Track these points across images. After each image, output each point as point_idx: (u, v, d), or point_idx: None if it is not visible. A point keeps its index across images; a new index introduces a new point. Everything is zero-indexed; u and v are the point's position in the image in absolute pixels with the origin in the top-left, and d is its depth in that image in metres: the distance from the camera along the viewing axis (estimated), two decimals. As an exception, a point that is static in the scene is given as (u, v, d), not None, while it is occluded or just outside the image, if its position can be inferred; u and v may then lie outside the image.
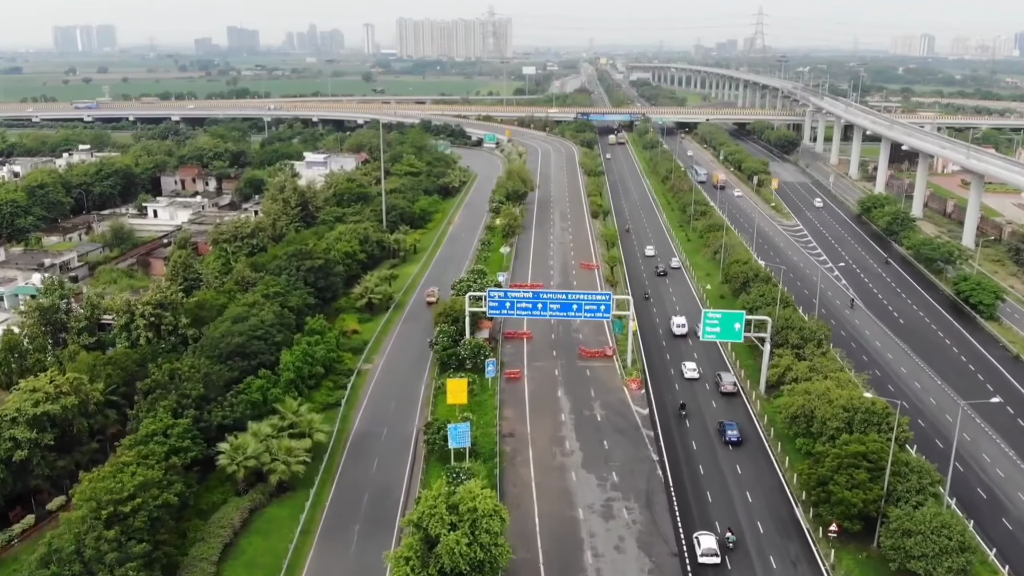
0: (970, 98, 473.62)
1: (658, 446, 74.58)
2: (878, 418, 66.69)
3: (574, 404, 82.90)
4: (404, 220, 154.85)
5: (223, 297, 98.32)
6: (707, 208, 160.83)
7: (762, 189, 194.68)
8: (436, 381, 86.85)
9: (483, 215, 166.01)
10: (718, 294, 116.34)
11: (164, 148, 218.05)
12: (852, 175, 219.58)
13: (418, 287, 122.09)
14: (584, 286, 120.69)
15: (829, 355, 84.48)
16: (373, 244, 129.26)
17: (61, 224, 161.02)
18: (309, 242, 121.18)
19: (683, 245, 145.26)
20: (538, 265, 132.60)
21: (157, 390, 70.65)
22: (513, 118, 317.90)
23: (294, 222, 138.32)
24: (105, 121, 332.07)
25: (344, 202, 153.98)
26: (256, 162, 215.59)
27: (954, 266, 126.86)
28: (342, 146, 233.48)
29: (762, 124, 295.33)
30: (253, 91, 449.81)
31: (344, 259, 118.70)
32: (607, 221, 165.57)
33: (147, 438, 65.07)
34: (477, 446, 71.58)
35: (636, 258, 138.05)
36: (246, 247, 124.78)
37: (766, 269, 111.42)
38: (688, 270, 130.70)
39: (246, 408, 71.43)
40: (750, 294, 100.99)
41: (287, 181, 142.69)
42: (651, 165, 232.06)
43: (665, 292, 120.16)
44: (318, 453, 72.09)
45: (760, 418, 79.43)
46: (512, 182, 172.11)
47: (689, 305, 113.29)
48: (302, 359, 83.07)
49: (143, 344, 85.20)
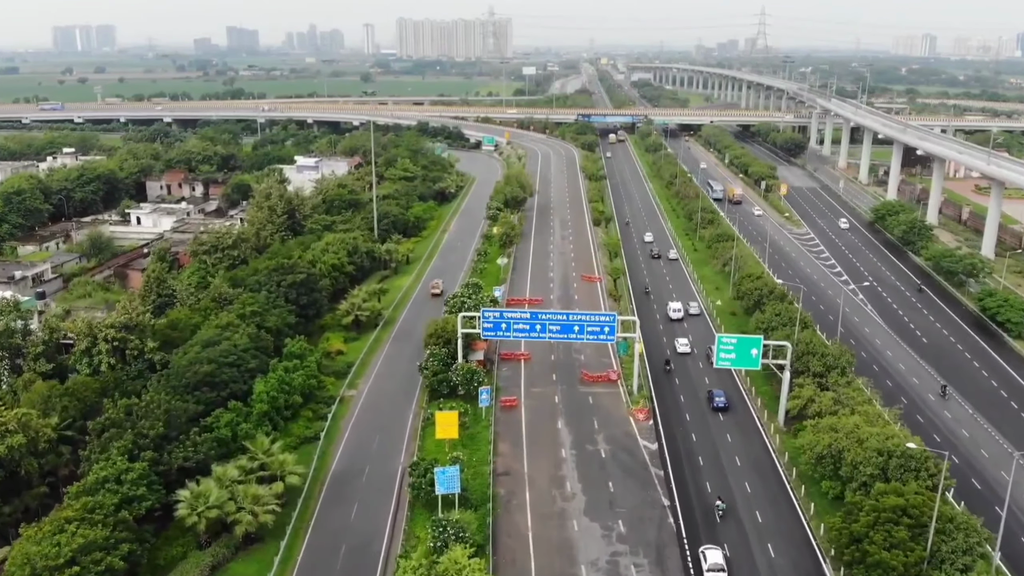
0: (976, 99, 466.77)
1: (668, 488, 67.52)
2: (916, 463, 59.58)
3: (576, 437, 75.82)
4: (397, 228, 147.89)
5: (198, 316, 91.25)
6: (714, 216, 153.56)
7: (769, 195, 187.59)
8: (425, 411, 79.79)
9: (480, 222, 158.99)
10: (728, 310, 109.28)
11: (151, 151, 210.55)
12: (862, 179, 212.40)
13: (409, 301, 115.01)
14: (585, 300, 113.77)
15: (854, 384, 77.31)
16: (363, 255, 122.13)
17: (38, 232, 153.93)
18: (294, 253, 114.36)
19: (689, 256, 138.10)
20: (537, 277, 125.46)
21: (111, 428, 63.62)
22: (512, 120, 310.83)
23: (280, 231, 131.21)
24: (96, 123, 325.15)
25: (334, 209, 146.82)
26: (246, 166, 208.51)
27: (977, 279, 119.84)
28: (335, 149, 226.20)
29: (767, 126, 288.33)
30: (248, 92, 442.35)
31: (330, 272, 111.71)
32: (609, 228, 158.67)
33: (97, 485, 58.05)
34: (468, 491, 64.48)
35: (636, 255, 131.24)
36: (227, 259, 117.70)
37: (782, 286, 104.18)
38: (696, 283, 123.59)
39: (211, 448, 64.36)
40: (764, 313, 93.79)
41: (273, 188, 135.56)
42: (654, 169, 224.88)
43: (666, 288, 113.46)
44: (291, 497, 65.10)
45: (780, 454, 72.36)
46: (510, 187, 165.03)
47: (701, 329, 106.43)
48: (278, 388, 76.02)
49: (106, 371, 78.19)
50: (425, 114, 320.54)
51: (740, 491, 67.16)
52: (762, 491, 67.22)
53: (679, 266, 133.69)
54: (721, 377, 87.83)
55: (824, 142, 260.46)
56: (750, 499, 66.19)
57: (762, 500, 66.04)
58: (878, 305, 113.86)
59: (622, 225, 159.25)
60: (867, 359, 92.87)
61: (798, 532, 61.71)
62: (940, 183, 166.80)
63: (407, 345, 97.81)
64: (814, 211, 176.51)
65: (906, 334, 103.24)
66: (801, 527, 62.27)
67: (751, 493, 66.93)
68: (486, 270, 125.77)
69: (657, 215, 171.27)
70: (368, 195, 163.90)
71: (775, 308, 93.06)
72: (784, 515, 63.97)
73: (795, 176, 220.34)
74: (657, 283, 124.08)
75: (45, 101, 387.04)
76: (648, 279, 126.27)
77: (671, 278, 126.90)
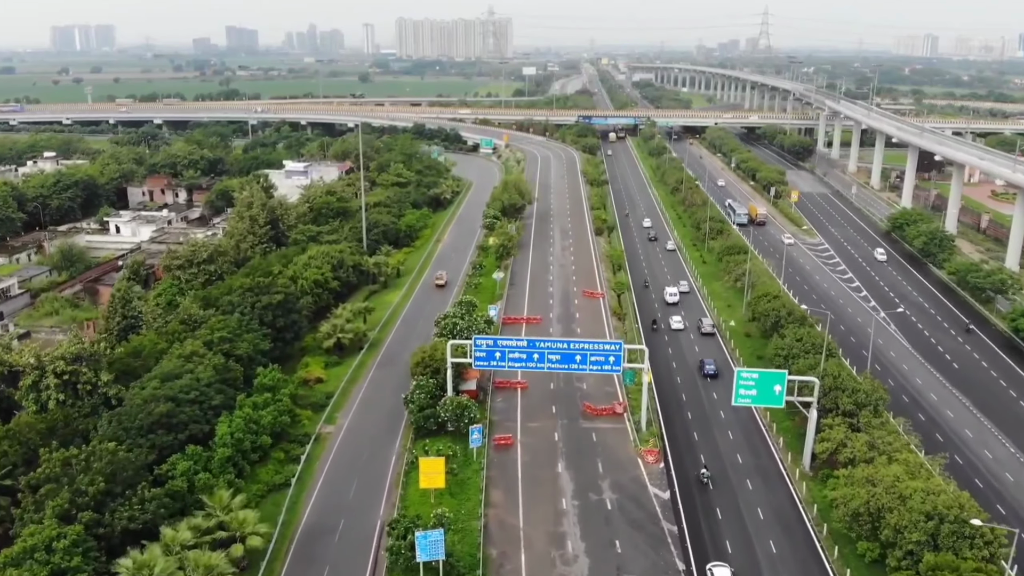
0: (983, 100, 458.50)
1: (683, 548, 59.49)
2: (972, 529, 51.54)
3: (578, 484, 67.72)
4: (388, 238, 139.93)
5: (163, 341, 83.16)
6: (723, 226, 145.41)
7: (779, 201, 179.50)
8: (409, 452, 71.70)
9: (476, 231, 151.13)
10: (742, 332, 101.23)
11: (134, 155, 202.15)
12: (874, 184, 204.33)
13: (398, 320, 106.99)
14: (588, 319, 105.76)
15: (889, 426, 69.21)
16: (349, 269, 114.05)
17: (10, 243, 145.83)
18: (275, 268, 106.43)
19: (698, 268, 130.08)
20: (536, 293, 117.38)
21: (47, 484, 55.63)
22: (511, 121, 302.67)
23: (262, 243, 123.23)
24: (85, 124, 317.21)
25: (322, 219, 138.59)
26: (234, 170, 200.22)
27: (1006, 295, 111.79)
28: (326, 153, 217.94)
29: (773, 128, 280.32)
30: (243, 92, 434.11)
31: (312, 289, 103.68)
32: (612, 238, 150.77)
33: (24, 555, 50.08)
34: (453, 556, 56.39)
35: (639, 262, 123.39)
36: (203, 274, 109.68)
37: (802, 309, 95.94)
38: (706, 299, 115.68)
39: (161, 505, 56.25)
40: (784, 338, 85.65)
41: (255, 196, 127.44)
42: (658, 174, 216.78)
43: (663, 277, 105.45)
44: (254, 560, 57.09)
45: (808, 506, 64.32)
46: (508, 194, 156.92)
47: (713, 350, 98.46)
48: (244, 429, 68.01)
49: (54, 408, 70.17)
50: (422, 116, 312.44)
51: (764, 552, 59.15)
52: (789, 552, 59.17)
53: (686, 274, 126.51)
54: (739, 412, 79.80)
55: (833, 145, 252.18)
56: (775, 561, 58.18)
57: (789, 562, 58.02)
58: (902, 325, 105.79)
59: (621, 217, 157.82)
60: (896, 388, 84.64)
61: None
62: (959, 190, 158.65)
63: (393, 372, 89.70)
64: (827, 219, 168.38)
65: (934, 358, 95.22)
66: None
67: (776, 554, 58.91)
68: (481, 285, 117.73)
69: (664, 225, 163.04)
70: (359, 202, 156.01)
71: (796, 333, 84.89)
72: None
73: (804, 181, 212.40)
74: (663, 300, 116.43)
75: (16, 103, 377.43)
76: (655, 306, 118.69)
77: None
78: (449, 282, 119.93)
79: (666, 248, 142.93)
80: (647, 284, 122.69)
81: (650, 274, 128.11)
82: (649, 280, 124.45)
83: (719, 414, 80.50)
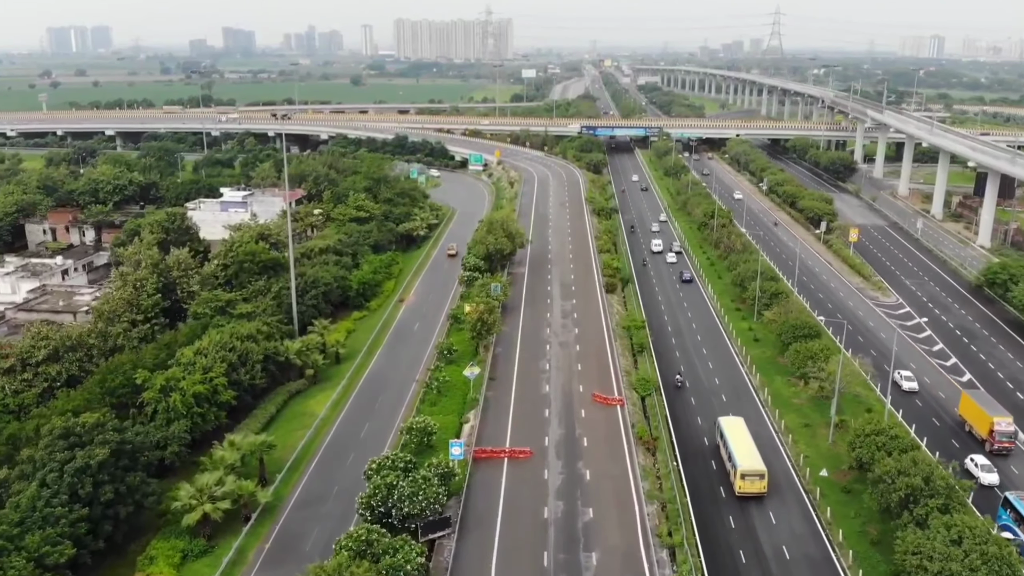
0: (1017, 106, 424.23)
1: None
2: None
3: None
4: (331, 301, 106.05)
5: None
6: (778, 285, 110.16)
7: (831, 238, 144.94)
8: None
9: (451, 285, 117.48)
10: (829, 466, 66.84)
11: (51, 179, 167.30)
12: (935, 214, 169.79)
13: (315, 457, 72.45)
14: (601, 449, 70.94)
15: None
16: (256, 368, 79.66)
17: None
18: (141, 373, 72.63)
19: (750, 352, 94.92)
20: (525, 396, 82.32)
21: None
22: (506, 132, 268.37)
23: (148, 320, 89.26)
24: (28, 136, 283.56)
25: (244, 276, 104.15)
26: (171, 197, 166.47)
27: None
28: (279, 175, 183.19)
29: (804, 141, 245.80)
30: (218, 98, 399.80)
31: (190, 410, 69.67)
32: (627, 293, 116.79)
33: None
34: None
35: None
36: (40, 381, 75.63)
37: (935, 463, 60.90)
38: (775, 422, 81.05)
39: None
40: (925, 527, 51.23)
41: (143, 252, 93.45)
42: (678, 200, 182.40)
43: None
44: None
45: None
46: (494, 237, 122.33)
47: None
48: None
49: None
50: (406, 125, 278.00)
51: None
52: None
53: (735, 365, 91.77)
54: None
55: (877, 162, 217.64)
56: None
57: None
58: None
59: (627, 230, 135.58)
60: None
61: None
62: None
63: (283, 573, 55.47)
64: (897, 266, 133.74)
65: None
66: None
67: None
68: (446, 386, 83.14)
69: (694, 274, 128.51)
70: (305, 246, 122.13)
71: (945, 522, 50.41)
72: None
73: (850, 207, 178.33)
74: (701, 396, 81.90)
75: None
76: (697, 421, 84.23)
77: (723, 384, 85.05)
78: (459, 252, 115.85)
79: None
80: (680, 383, 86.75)
81: (684, 362, 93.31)
82: (683, 375, 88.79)
83: None
